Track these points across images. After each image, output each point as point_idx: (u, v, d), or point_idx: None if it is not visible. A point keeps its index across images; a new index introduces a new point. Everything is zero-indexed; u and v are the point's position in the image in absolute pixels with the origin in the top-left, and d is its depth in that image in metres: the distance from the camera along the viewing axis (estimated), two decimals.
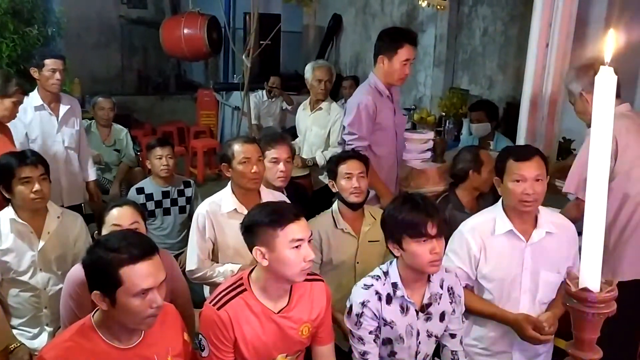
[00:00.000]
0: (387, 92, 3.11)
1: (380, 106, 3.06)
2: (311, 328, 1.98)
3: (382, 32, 3.17)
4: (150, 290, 1.58)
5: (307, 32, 7.86)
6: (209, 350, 1.86)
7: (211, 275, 2.50)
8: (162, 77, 9.99)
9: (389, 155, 3.17)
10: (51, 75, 3.58)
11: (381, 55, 3.06)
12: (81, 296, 2.08)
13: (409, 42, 3.02)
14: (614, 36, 0.97)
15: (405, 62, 3.04)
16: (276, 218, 1.81)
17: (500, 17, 4.92)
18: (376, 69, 3.12)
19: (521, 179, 2.14)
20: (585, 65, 2.47)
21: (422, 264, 1.93)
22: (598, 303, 1.03)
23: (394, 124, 3.17)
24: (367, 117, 3.02)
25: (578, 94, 2.48)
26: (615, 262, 2.46)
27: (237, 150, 2.49)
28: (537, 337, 2.14)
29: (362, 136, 3.02)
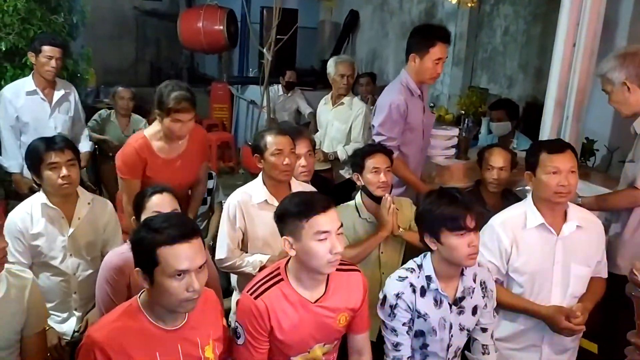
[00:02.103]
0: (418, 91, 3.08)
1: (411, 106, 3.04)
2: (348, 317, 2.00)
3: (415, 30, 3.13)
4: (187, 273, 1.60)
5: (323, 28, 7.86)
6: (245, 338, 1.88)
7: (240, 264, 2.52)
8: (175, 69, 9.98)
9: (416, 153, 3.17)
10: (47, 62, 3.62)
11: (413, 53, 3.02)
12: (117, 282, 2.12)
13: (442, 41, 2.98)
14: None
15: (438, 61, 3.00)
16: (303, 209, 1.83)
17: (523, 15, 4.91)
18: (408, 67, 3.08)
19: (556, 171, 2.16)
20: (630, 53, 2.43)
21: (460, 257, 1.94)
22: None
23: (423, 122, 3.15)
24: (399, 118, 3.00)
25: (619, 83, 2.44)
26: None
27: (269, 141, 2.50)
28: (571, 328, 2.17)
29: (393, 137, 3.01)
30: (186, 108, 2.69)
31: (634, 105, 2.43)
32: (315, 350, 1.99)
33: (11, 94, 3.73)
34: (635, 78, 2.39)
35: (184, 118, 2.70)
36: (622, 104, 2.47)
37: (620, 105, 2.49)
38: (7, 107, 3.66)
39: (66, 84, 4.01)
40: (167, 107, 2.67)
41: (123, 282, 2.12)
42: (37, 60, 3.64)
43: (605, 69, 2.49)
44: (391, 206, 2.57)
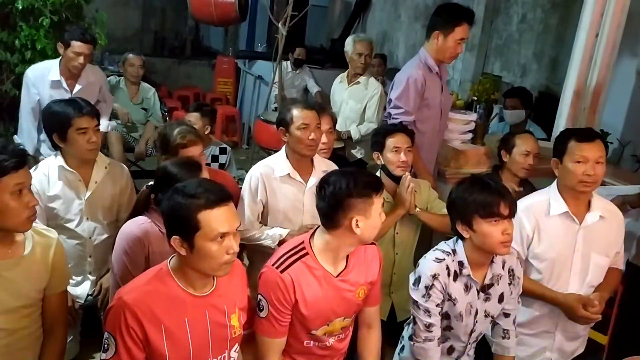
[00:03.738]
0: (436, 68, 3.08)
1: (429, 82, 3.03)
2: (366, 290, 2.02)
3: (440, 7, 3.12)
4: (227, 235, 1.61)
5: (334, 7, 7.79)
6: (268, 311, 1.88)
7: (259, 237, 2.51)
8: (179, 40, 9.87)
9: (432, 132, 3.15)
10: (75, 58, 3.50)
11: (437, 30, 3.00)
12: (136, 253, 2.09)
13: (467, 21, 2.98)
14: None
15: (460, 41, 3.00)
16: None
17: (541, 4, 4.88)
18: (428, 44, 3.07)
19: (583, 160, 2.16)
20: None
21: (494, 244, 1.93)
22: None
23: (440, 102, 3.14)
24: (415, 92, 2.99)
25: None
26: None
27: (296, 115, 2.48)
28: (588, 317, 2.19)
29: (409, 111, 3.00)
30: (193, 140, 2.55)
31: None
32: (335, 324, 2.00)
33: (35, 77, 3.62)
34: None
35: (194, 152, 2.53)
36: None
37: None
38: (30, 90, 3.57)
39: (93, 72, 3.87)
40: (175, 144, 2.52)
41: (142, 253, 2.09)
42: (64, 53, 3.53)
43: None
44: (410, 185, 2.56)
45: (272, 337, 1.92)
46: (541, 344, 2.34)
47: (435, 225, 2.66)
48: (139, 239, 2.09)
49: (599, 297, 2.22)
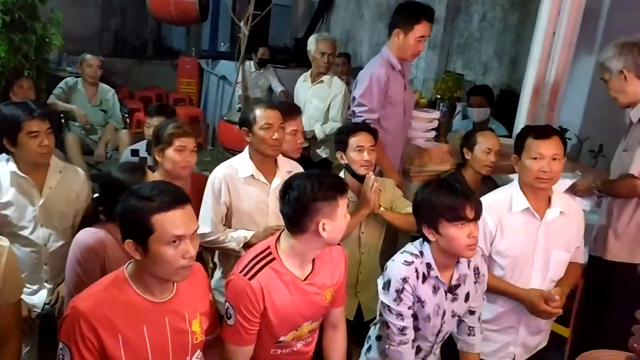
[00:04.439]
0: (399, 66, 3.09)
1: (392, 80, 3.04)
2: (333, 292, 2.00)
3: (401, 6, 3.13)
4: (183, 239, 1.57)
5: (297, 6, 7.75)
6: (236, 319, 1.84)
7: (223, 240, 2.47)
8: (140, 40, 9.69)
9: (396, 130, 3.16)
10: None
11: (397, 28, 3.02)
12: (89, 262, 2.01)
13: (426, 19, 3.00)
14: None
15: (421, 39, 3.02)
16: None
17: (500, 3, 4.94)
18: (390, 43, 3.08)
19: (539, 157, 2.19)
20: (631, 42, 2.45)
21: (460, 248, 1.93)
22: None
23: (404, 99, 3.15)
24: (379, 90, 2.99)
25: (617, 72, 2.46)
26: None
27: (259, 115, 2.45)
28: (549, 311, 2.22)
29: (373, 108, 2.99)
30: (188, 132, 2.57)
31: (630, 94, 2.46)
32: (303, 328, 1.98)
33: None
34: (633, 67, 2.42)
35: (187, 143, 2.54)
36: (619, 92, 2.49)
37: (617, 94, 2.51)
38: None
39: None
40: (169, 133, 2.53)
41: (96, 263, 2.01)
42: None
43: (604, 57, 2.50)
44: (374, 184, 2.56)
45: (240, 345, 1.88)
46: (505, 339, 2.36)
47: (400, 224, 2.66)
48: (93, 249, 2.02)
49: (560, 292, 2.25)
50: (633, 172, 2.38)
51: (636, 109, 2.45)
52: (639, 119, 2.44)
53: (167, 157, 2.54)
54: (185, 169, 2.57)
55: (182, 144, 2.52)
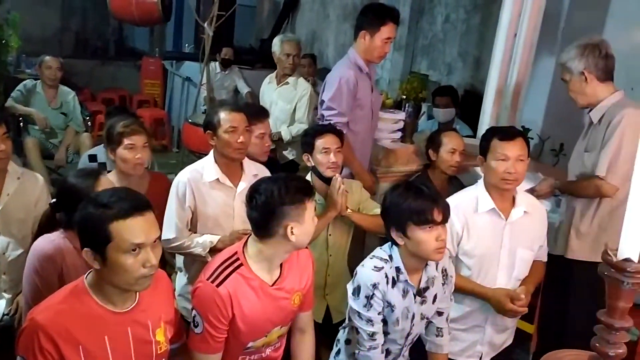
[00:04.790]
0: (366, 68, 3.08)
1: (360, 82, 3.03)
2: (301, 296, 1.99)
3: (366, 7, 3.13)
4: (143, 247, 1.53)
5: (262, 7, 7.71)
6: (203, 327, 1.81)
7: (189, 245, 2.43)
8: (102, 41, 9.51)
9: (364, 133, 3.16)
10: None
11: (363, 30, 3.02)
12: (47, 271, 1.96)
13: (392, 20, 3.00)
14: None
15: (387, 40, 3.02)
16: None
17: (463, 5, 5.00)
18: (356, 45, 3.08)
19: (504, 158, 2.21)
20: (592, 44, 2.48)
21: (428, 251, 1.93)
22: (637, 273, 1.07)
23: (371, 102, 3.15)
24: (348, 93, 2.98)
25: (578, 73, 2.50)
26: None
27: (223, 118, 2.41)
28: (515, 310, 2.24)
29: (342, 112, 2.98)
30: (137, 130, 2.55)
31: (589, 95, 2.51)
32: (273, 334, 1.96)
33: None
34: (593, 69, 2.46)
35: (137, 141, 2.52)
36: (579, 93, 2.53)
37: (577, 95, 2.55)
38: None
39: None
40: (118, 132, 2.52)
41: (54, 271, 1.96)
42: None
43: (566, 58, 2.54)
44: (341, 187, 2.55)
45: (207, 353, 1.85)
46: (472, 338, 2.38)
47: (367, 226, 2.66)
48: (50, 257, 1.96)
49: (525, 290, 2.28)
50: (599, 173, 2.42)
51: (596, 109, 2.50)
52: (599, 120, 2.49)
53: (119, 156, 2.53)
54: (138, 167, 2.55)
55: (131, 142, 2.51)
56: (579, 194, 2.53)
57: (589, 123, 2.55)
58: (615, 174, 2.37)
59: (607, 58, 2.46)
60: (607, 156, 2.39)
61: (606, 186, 2.39)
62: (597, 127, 2.48)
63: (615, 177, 2.37)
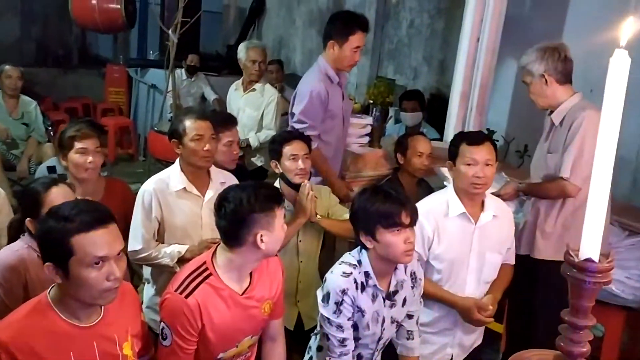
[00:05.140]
0: (337, 78, 3.06)
1: (331, 93, 3.01)
2: (272, 305, 1.98)
3: (334, 16, 3.10)
4: (106, 260, 1.49)
5: (228, 13, 7.68)
6: (172, 339, 1.78)
7: (156, 256, 2.39)
8: (64, 49, 9.32)
9: (337, 141, 3.16)
10: None
11: (332, 40, 2.99)
12: (11, 282, 1.92)
13: (361, 29, 2.98)
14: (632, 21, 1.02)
15: (356, 49, 3.00)
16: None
17: (427, 9, 5.07)
18: (325, 54, 3.05)
19: (472, 162, 2.23)
20: (552, 47, 2.53)
21: (397, 254, 1.93)
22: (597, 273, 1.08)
23: (342, 109, 3.14)
24: (320, 105, 2.96)
25: (538, 76, 2.54)
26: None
27: (189, 126, 2.38)
28: (483, 320, 2.28)
29: (313, 125, 2.97)
30: (88, 134, 2.50)
31: (550, 97, 2.56)
32: (244, 344, 1.94)
33: None
34: (553, 72, 2.51)
35: (88, 145, 2.47)
36: (540, 96, 2.58)
37: (537, 97, 2.59)
38: None
39: None
40: (69, 137, 2.48)
41: (18, 283, 1.92)
42: None
43: (526, 61, 2.58)
44: (310, 192, 2.55)
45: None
46: (442, 341, 2.39)
47: (337, 231, 2.66)
48: (14, 268, 1.91)
49: (492, 299, 2.31)
50: (562, 174, 2.46)
51: (557, 112, 2.55)
52: (560, 122, 2.54)
53: (70, 161, 2.48)
54: (90, 171, 2.50)
55: (83, 145, 2.46)
56: (544, 195, 2.58)
57: (550, 125, 2.60)
58: (578, 175, 2.42)
59: (566, 61, 2.51)
60: (570, 158, 2.43)
61: (570, 187, 2.44)
62: (559, 129, 2.53)
63: (579, 178, 2.42)
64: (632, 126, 3.46)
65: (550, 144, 2.58)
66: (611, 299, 2.65)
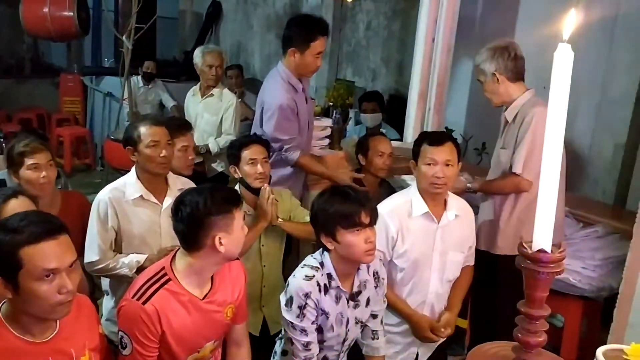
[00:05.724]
0: (300, 85, 3.01)
1: (298, 102, 2.97)
2: (234, 309, 1.96)
3: (293, 22, 3.00)
4: (57, 272, 1.44)
5: (184, 18, 7.60)
6: (132, 348, 1.74)
7: (114, 267, 2.33)
8: (16, 58, 9.06)
9: (304, 145, 3.12)
10: None
11: (292, 47, 2.90)
12: None
13: (322, 34, 2.92)
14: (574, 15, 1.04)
15: (318, 55, 2.94)
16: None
17: (383, 12, 5.13)
18: (286, 61, 2.96)
19: (432, 162, 2.25)
20: (502, 46, 2.57)
21: (358, 254, 1.93)
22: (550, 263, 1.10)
23: (307, 114, 3.12)
24: (292, 115, 2.92)
25: (490, 74, 2.59)
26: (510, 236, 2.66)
27: (144, 132, 2.34)
28: (433, 340, 2.34)
29: (291, 136, 2.93)
30: (39, 148, 2.42)
31: (503, 95, 2.61)
32: (206, 349, 1.92)
33: None
34: (504, 70, 2.57)
35: (40, 159, 2.39)
36: (493, 93, 2.63)
37: (491, 94, 2.64)
38: None
39: None
40: (18, 153, 2.40)
41: None
42: None
43: (479, 60, 2.63)
44: (270, 196, 2.53)
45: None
46: (407, 340, 2.41)
47: (299, 234, 2.65)
48: None
49: (447, 321, 2.36)
50: (516, 170, 2.51)
51: (510, 109, 2.61)
52: (513, 119, 2.59)
53: (23, 178, 2.39)
54: (45, 186, 2.42)
55: (35, 161, 2.39)
56: (499, 191, 2.63)
57: (504, 122, 2.66)
58: (531, 170, 2.47)
59: (517, 59, 2.57)
60: (522, 153, 2.49)
61: (523, 182, 2.49)
62: (512, 126, 2.59)
63: (532, 173, 2.47)
64: (584, 121, 3.58)
65: (504, 139, 2.63)
66: (569, 289, 2.72)
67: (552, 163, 1.13)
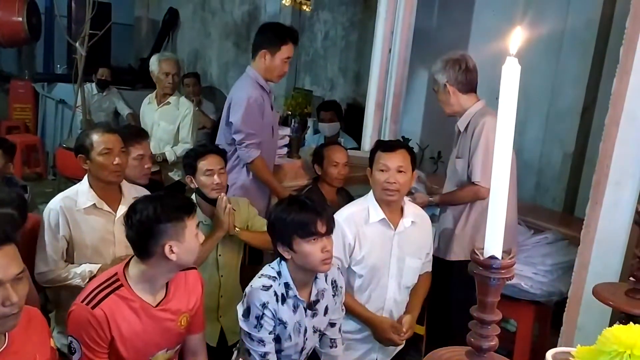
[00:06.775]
0: (268, 87, 3.07)
1: (265, 101, 3.02)
2: (189, 318, 1.95)
3: (265, 26, 3.13)
4: (1, 284, 1.39)
5: (140, 25, 7.49)
6: (81, 353, 1.73)
7: (66, 277, 2.27)
8: None
9: (268, 152, 3.14)
10: None
11: (263, 49, 2.99)
12: None
13: (292, 40, 3.03)
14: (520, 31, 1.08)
15: (286, 60, 3.03)
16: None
17: (341, 22, 5.18)
18: (256, 64, 3.03)
19: (385, 169, 2.29)
20: (454, 59, 2.65)
21: (314, 263, 1.94)
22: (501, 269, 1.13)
23: (272, 120, 3.15)
24: (258, 111, 2.96)
25: (442, 85, 2.66)
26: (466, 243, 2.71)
27: (96, 140, 2.30)
28: (395, 341, 2.35)
29: (254, 132, 2.94)
30: None
31: (454, 105, 2.68)
32: (158, 357, 1.90)
33: None
34: (454, 82, 2.64)
35: None
36: (445, 103, 2.70)
37: (443, 104, 2.72)
38: None
39: None
40: None
41: None
42: None
43: (433, 70, 2.70)
44: (227, 206, 2.51)
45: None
46: (366, 347, 2.43)
47: (256, 243, 2.64)
48: None
49: (408, 322, 2.38)
50: (474, 178, 2.57)
51: (462, 119, 2.68)
52: (465, 128, 2.66)
53: None
54: None
55: None
56: (459, 202, 2.68)
57: (457, 131, 2.73)
58: (488, 178, 2.53)
59: (468, 71, 2.64)
60: (478, 162, 2.55)
61: (482, 190, 2.56)
62: (465, 135, 2.66)
63: (489, 181, 2.53)
64: (534, 132, 3.70)
65: (458, 149, 2.70)
66: (521, 294, 2.79)
67: (501, 172, 1.15)
